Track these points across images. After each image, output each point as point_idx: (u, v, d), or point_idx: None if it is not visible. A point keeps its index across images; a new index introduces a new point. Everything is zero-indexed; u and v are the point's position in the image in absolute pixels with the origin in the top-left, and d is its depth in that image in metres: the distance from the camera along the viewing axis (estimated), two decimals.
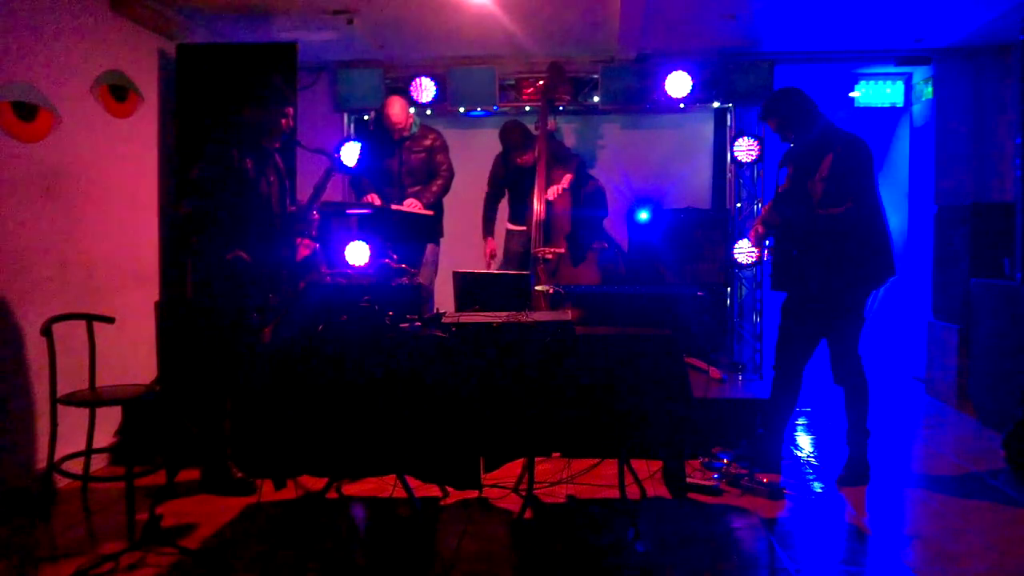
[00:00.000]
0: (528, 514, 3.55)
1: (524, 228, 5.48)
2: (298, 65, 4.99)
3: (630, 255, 5.98)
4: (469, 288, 3.94)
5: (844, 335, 3.89)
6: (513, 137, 5.41)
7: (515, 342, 3.24)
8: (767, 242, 4.04)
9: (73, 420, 3.72)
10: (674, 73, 5.74)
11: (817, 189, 3.76)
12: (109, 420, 4.27)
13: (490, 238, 5.60)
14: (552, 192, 5.31)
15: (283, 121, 3.83)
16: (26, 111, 3.79)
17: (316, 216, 3.98)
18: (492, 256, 5.56)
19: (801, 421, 5.22)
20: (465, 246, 5.70)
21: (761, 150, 5.84)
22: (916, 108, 6.54)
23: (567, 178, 5.37)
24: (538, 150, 5.44)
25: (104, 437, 4.24)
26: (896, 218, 6.58)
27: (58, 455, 3.65)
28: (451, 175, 5.32)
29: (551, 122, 5.68)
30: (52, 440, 3.59)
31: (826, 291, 3.81)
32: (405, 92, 5.89)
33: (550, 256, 5.32)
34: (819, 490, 3.89)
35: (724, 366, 5.55)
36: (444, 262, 5.29)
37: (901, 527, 3.53)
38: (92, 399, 3.66)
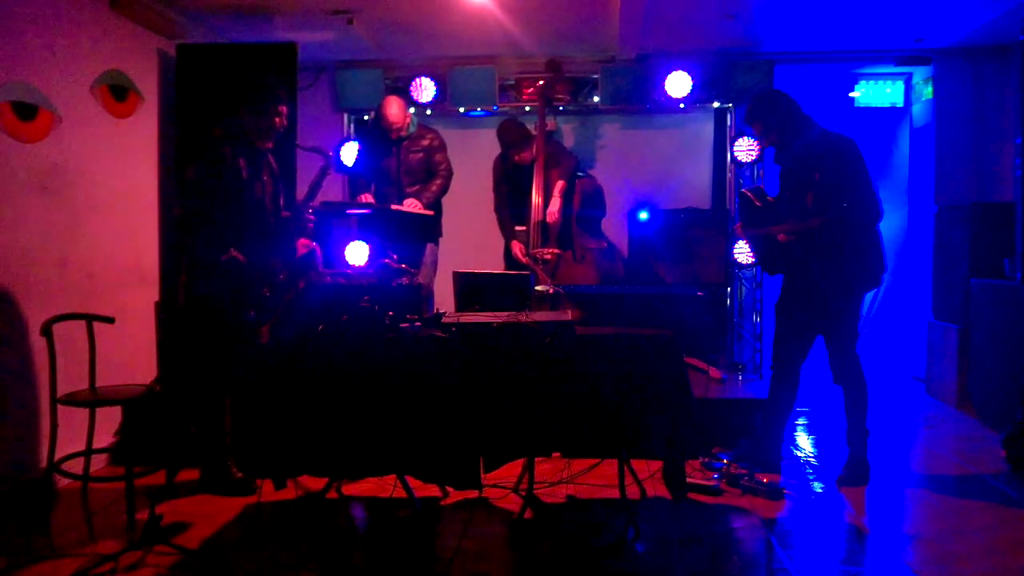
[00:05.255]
0: (528, 514, 3.55)
1: (523, 228, 5.48)
2: (298, 65, 5.00)
3: (630, 255, 5.97)
4: (469, 288, 3.94)
5: (842, 335, 3.89)
6: (511, 134, 5.40)
7: (515, 342, 3.24)
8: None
9: (73, 420, 3.72)
10: (674, 73, 5.74)
11: (810, 196, 3.77)
12: (109, 420, 4.27)
13: (514, 241, 5.52)
14: (551, 215, 5.32)
15: (276, 120, 3.82)
16: (26, 111, 3.79)
17: (312, 218, 3.97)
18: (524, 254, 5.47)
19: (801, 421, 5.22)
20: (465, 246, 5.69)
21: (761, 150, 5.82)
22: (916, 108, 6.54)
23: (559, 186, 5.37)
24: (536, 150, 5.44)
25: (104, 437, 4.23)
26: (896, 218, 6.59)
27: (58, 455, 3.65)
28: (450, 175, 5.32)
29: (551, 122, 5.67)
30: (52, 440, 3.59)
31: (823, 290, 3.81)
32: (405, 92, 5.89)
33: (548, 256, 5.32)
34: (819, 490, 3.89)
35: (724, 366, 5.54)
36: (444, 262, 5.28)
37: (901, 527, 3.53)
38: (92, 399, 3.66)
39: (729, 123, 6.17)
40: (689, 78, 5.73)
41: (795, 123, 3.88)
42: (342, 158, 5.03)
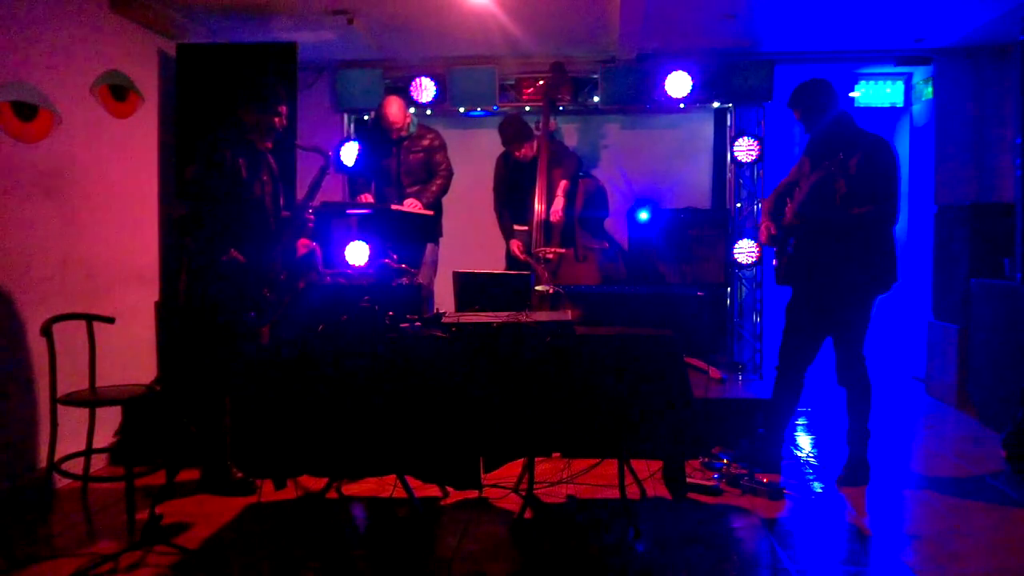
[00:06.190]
0: (528, 514, 3.55)
1: (525, 228, 5.49)
2: (298, 65, 4.99)
3: (630, 255, 5.97)
4: (469, 288, 3.94)
5: (850, 337, 3.89)
6: (511, 130, 5.40)
7: (515, 342, 3.24)
8: (789, 239, 3.99)
9: (73, 420, 3.72)
10: (674, 73, 5.74)
11: (841, 188, 3.76)
12: (109, 420, 4.27)
13: (513, 240, 5.55)
14: (555, 214, 5.33)
15: (276, 120, 3.82)
16: (26, 111, 3.79)
17: (311, 217, 3.97)
18: (521, 251, 5.50)
19: (801, 421, 5.22)
20: (465, 246, 5.69)
21: (761, 150, 5.84)
22: (916, 108, 6.55)
23: (562, 186, 5.37)
24: (539, 150, 5.44)
25: (104, 437, 4.23)
26: None
27: (58, 455, 3.65)
28: (450, 175, 5.32)
29: (551, 122, 5.68)
30: (52, 440, 3.59)
31: (836, 292, 3.81)
32: (405, 92, 5.89)
33: (551, 256, 5.32)
34: (819, 490, 3.89)
35: (724, 366, 5.54)
36: (444, 262, 5.29)
37: (901, 527, 3.53)
38: (92, 399, 3.66)
39: (729, 123, 6.17)
40: (689, 78, 5.73)
41: (831, 114, 3.90)
42: (342, 158, 5.03)
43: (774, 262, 4.10)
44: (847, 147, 3.79)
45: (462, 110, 6.10)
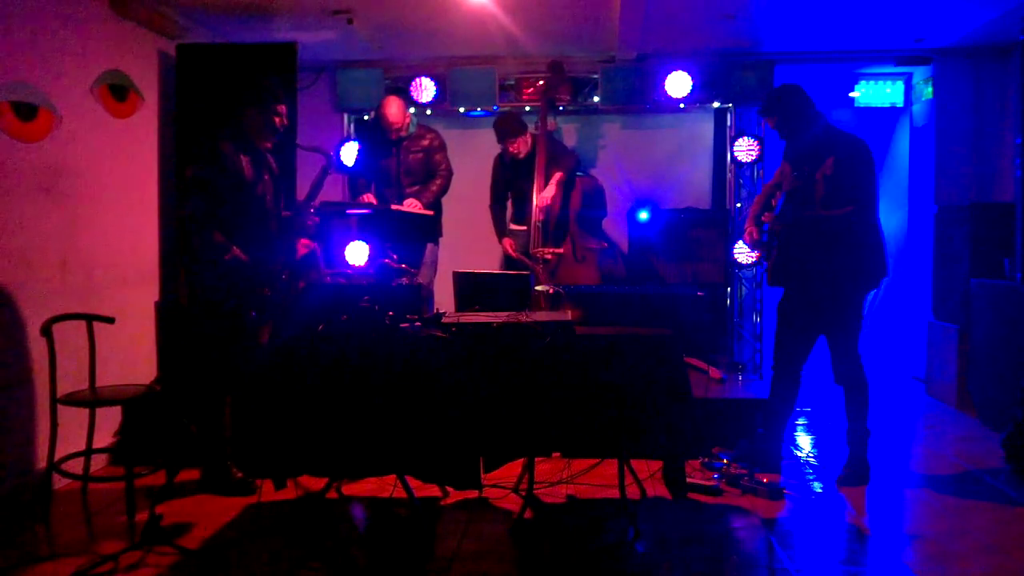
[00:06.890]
0: (528, 514, 3.55)
1: (524, 228, 5.49)
2: (298, 65, 4.99)
3: (630, 255, 5.98)
4: (469, 288, 3.94)
5: (844, 334, 3.89)
6: (505, 125, 5.39)
7: (515, 342, 3.24)
8: (773, 242, 4.02)
9: (73, 420, 3.72)
10: (674, 73, 5.75)
11: (819, 190, 3.78)
12: (109, 420, 4.27)
13: (506, 239, 5.60)
14: (544, 199, 5.31)
15: (276, 120, 3.82)
16: (26, 111, 3.79)
17: (316, 218, 3.97)
18: (514, 249, 5.52)
19: (801, 421, 5.22)
20: (465, 246, 5.70)
21: (761, 150, 5.84)
22: (916, 108, 6.54)
23: (556, 177, 5.37)
24: (538, 149, 5.43)
25: (104, 437, 4.24)
26: (896, 218, 6.59)
27: (58, 455, 3.65)
28: (450, 175, 5.32)
29: (551, 122, 5.68)
30: (52, 440, 3.59)
31: (825, 290, 3.82)
32: (405, 92, 5.90)
33: (549, 256, 5.32)
34: (819, 490, 3.89)
35: (724, 366, 5.54)
36: (444, 262, 5.29)
37: (901, 527, 3.53)
38: (92, 399, 3.66)
39: (729, 123, 6.17)
40: (689, 78, 5.74)
41: (806, 119, 3.91)
42: (342, 158, 5.03)
43: (765, 263, 4.12)
44: (823, 149, 3.80)
45: (462, 110, 6.10)
